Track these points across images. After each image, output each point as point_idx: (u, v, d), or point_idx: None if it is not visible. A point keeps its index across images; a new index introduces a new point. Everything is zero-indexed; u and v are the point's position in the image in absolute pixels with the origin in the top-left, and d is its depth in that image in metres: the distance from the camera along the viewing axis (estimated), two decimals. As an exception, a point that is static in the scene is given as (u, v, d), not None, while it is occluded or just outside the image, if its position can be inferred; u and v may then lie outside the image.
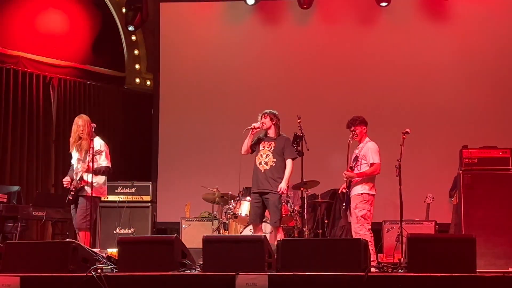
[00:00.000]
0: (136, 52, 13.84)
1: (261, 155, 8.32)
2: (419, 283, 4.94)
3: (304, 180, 8.49)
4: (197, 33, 12.79)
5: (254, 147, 8.47)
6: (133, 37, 13.75)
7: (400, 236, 8.21)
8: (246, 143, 8.41)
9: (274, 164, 8.23)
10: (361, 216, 7.98)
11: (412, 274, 5.09)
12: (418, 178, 11.19)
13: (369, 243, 6.87)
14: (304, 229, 8.74)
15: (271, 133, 8.40)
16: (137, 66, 13.86)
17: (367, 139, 8.31)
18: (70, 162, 8.67)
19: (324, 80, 12.12)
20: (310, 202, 10.04)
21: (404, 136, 7.84)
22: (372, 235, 8.23)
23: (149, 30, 13.53)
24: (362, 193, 8.06)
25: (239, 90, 12.37)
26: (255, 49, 12.54)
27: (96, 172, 8.25)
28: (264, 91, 12.24)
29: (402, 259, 6.78)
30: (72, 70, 12.70)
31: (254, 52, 12.53)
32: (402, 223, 8.04)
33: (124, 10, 13.31)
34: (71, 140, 8.52)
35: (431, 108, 11.67)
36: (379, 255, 9.39)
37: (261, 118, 8.43)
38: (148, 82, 13.85)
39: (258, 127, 8.37)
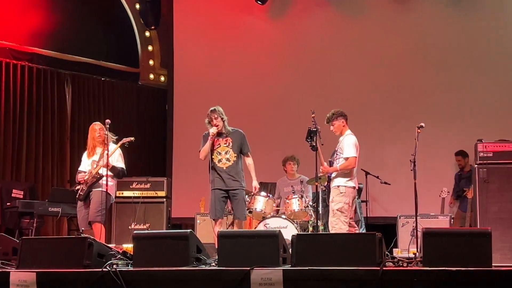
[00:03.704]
0: (150, 48, 13.87)
1: (219, 153, 8.41)
2: (435, 277, 4.92)
3: (319, 175, 8.48)
4: (210, 28, 12.80)
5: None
6: (147, 33, 13.79)
7: (415, 230, 8.18)
8: (207, 149, 8.42)
9: (236, 159, 8.38)
10: (337, 210, 7.95)
11: (427, 268, 5.07)
12: (433, 172, 11.16)
13: None
14: (318, 223, 8.73)
15: (223, 129, 8.43)
16: (151, 62, 13.90)
17: (347, 132, 8.27)
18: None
19: (338, 74, 12.08)
20: (325, 197, 10.04)
21: (419, 130, 7.78)
22: (356, 228, 8.26)
23: (163, 26, 13.56)
24: (338, 186, 8.05)
25: (253, 85, 12.37)
26: (269, 43, 12.54)
27: (114, 169, 8.35)
28: (278, 85, 12.25)
29: (417, 253, 6.76)
30: (87, 66, 12.75)
31: (268, 46, 12.53)
32: (417, 217, 8.01)
33: (137, 6, 13.38)
34: (89, 145, 8.64)
35: (446, 102, 11.61)
36: (394, 249, 9.38)
37: (212, 121, 8.40)
38: (162, 78, 13.88)
39: (214, 132, 8.35)
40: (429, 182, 11.08)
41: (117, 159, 8.59)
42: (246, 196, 9.63)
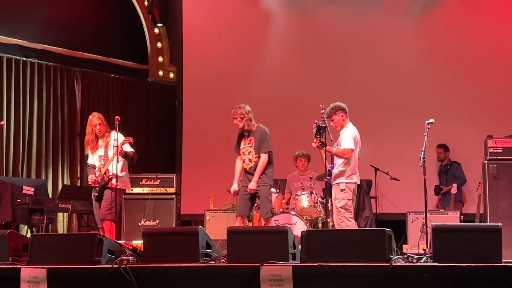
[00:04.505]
0: (159, 44, 13.89)
1: (244, 153, 8.42)
2: (444, 273, 4.91)
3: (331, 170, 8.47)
4: (219, 25, 12.81)
5: (239, 148, 8.54)
6: (156, 30, 13.81)
7: (425, 227, 8.17)
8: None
9: (257, 160, 8.33)
10: (341, 207, 7.96)
11: (437, 264, 5.06)
12: (443, 168, 11.15)
13: None
14: (328, 220, 8.73)
15: (247, 128, 8.42)
16: (160, 59, 13.92)
17: (347, 125, 8.25)
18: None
19: (348, 70, 12.06)
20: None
21: (429, 126, 7.76)
22: (356, 224, 8.27)
23: (172, 23, 13.58)
24: (339, 183, 8.05)
25: (263, 82, 12.36)
26: (279, 39, 12.52)
27: (126, 156, 8.34)
28: (287, 81, 12.24)
29: (427, 249, 6.75)
30: (96, 63, 12.78)
31: (278, 42, 12.51)
32: (427, 213, 8.00)
33: (146, 2, 13.40)
34: (87, 139, 8.61)
35: (455, 97, 11.57)
36: (403, 245, 9.37)
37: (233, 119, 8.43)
38: (172, 75, 13.89)
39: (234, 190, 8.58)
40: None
41: (123, 145, 8.53)
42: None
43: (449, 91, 11.63)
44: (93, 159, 8.66)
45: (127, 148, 8.51)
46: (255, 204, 8.79)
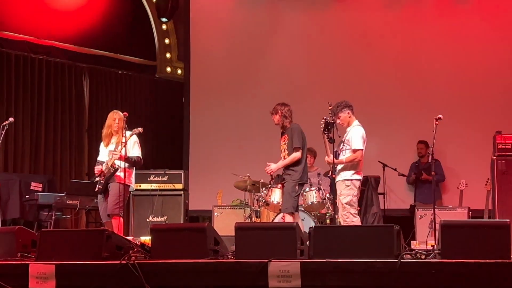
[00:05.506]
0: (167, 41, 13.90)
1: (281, 150, 8.58)
2: (453, 270, 4.90)
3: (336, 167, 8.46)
4: (227, 21, 12.81)
5: None
6: (164, 26, 13.81)
7: (433, 223, 8.16)
8: None
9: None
10: (346, 203, 7.99)
11: (445, 260, 5.05)
12: (451, 164, 11.12)
13: None
14: (336, 216, 8.72)
15: (281, 125, 8.57)
16: (168, 55, 13.92)
17: (354, 122, 8.24)
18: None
19: (355, 66, 12.05)
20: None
21: (437, 122, 7.73)
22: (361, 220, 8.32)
23: (180, 19, 13.58)
24: (344, 180, 8.06)
25: (270, 78, 12.36)
26: (286, 36, 12.51)
27: (128, 160, 8.31)
28: (295, 78, 12.23)
29: (435, 245, 6.73)
30: (104, 59, 12.80)
31: (285, 39, 12.51)
32: (435, 209, 7.98)
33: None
34: (105, 132, 8.60)
35: (464, 93, 11.54)
36: (411, 242, 9.36)
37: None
38: (179, 71, 13.90)
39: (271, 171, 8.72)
40: (447, 174, 11.07)
41: (133, 147, 8.54)
42: (263, 188, 9.65)
43: (458, 86, 11.59)
44: (103, 155, 8.66)
45: (135, 152, 8.50)
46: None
